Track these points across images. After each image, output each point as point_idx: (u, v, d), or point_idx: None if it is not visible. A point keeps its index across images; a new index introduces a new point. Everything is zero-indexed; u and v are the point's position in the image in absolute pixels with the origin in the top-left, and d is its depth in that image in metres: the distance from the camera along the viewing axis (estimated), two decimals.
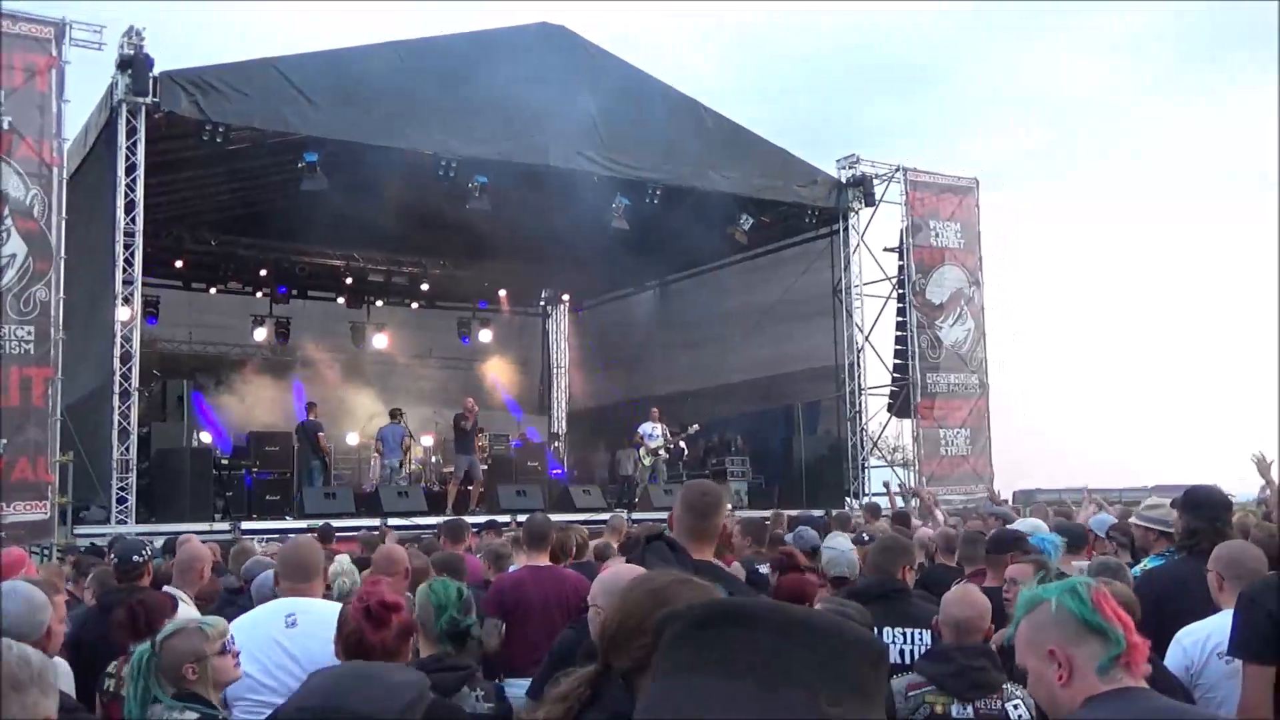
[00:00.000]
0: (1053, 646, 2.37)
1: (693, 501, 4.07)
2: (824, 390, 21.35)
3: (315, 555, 4.62)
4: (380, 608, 3.15)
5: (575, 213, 18.10)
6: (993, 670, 4.07)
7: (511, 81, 16.46)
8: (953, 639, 4.13)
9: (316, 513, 15.57)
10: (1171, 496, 6.82)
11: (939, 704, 3.93)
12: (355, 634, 3.17)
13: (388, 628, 3.17)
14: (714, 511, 4.05)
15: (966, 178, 22.01)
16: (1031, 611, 2.44)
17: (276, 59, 15.55)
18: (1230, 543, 4.46)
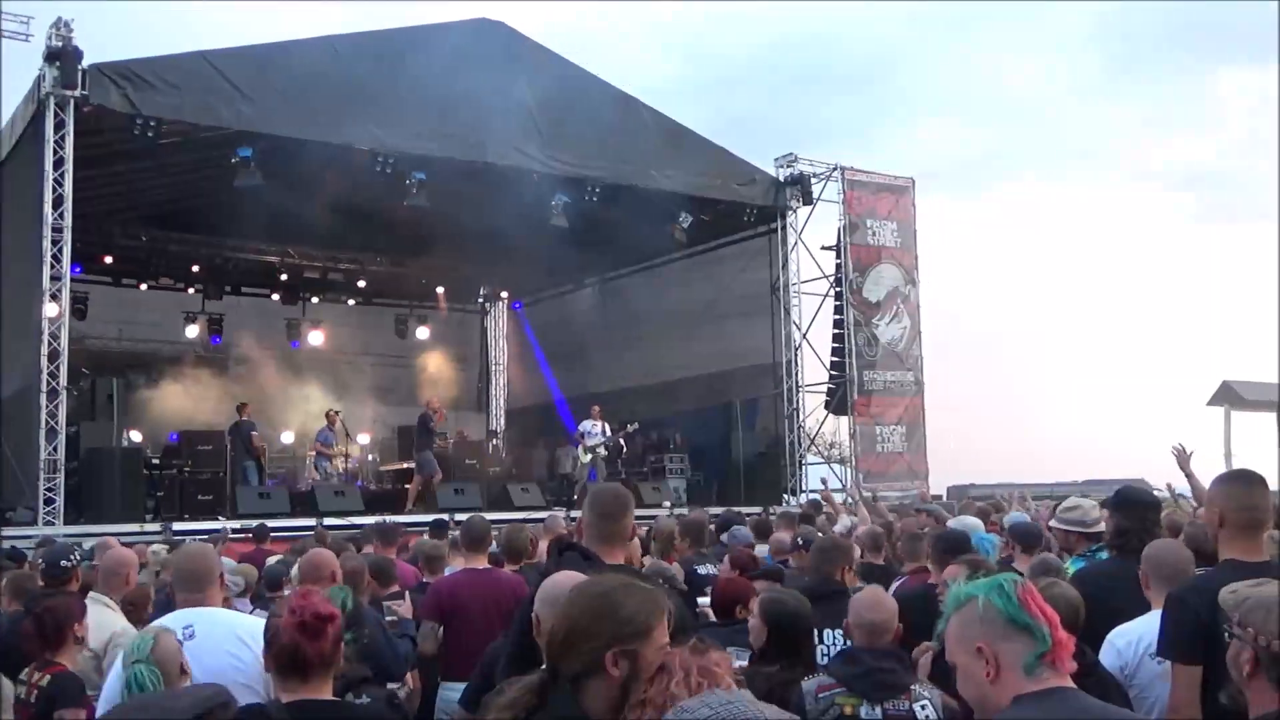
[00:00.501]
0: (980, 643, 2.38)
1: (600, 505, 4.05)
2: (762, 387, 21.46)
3: (208, 562, 4.44)
4: (316, 620, 3.08)
5: (514, 209, 18.01)
6: (901, 672, 4.12)
7: (449, 77, 16.33)
8: (863, 641, 4.16)
9: (251, 513, 15.36)
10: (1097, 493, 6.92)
11: (848, 705, 3.96)
12: (290, 648, 3.08)
13: (324, 639, 3.09)
14: (622, 513, 4.03)
15: (903, 177, 22.25)
16: (960, 608, 2.45)
17: (209, 52, 15.28)
18: (1158, 542, 4.53)
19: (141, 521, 14.75)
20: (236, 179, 15.96)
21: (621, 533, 3.97)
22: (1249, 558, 3.75)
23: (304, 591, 3.22)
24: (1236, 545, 3.81)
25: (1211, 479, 4.24)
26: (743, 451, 21.38)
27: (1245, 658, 2.71)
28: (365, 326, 25.96)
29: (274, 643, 3.12)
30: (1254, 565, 3.69)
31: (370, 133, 16.17)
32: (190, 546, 5.75)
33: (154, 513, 15.79)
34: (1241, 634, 2.72)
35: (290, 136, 15.69)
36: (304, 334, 24.80)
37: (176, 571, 4.50)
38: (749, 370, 21.60)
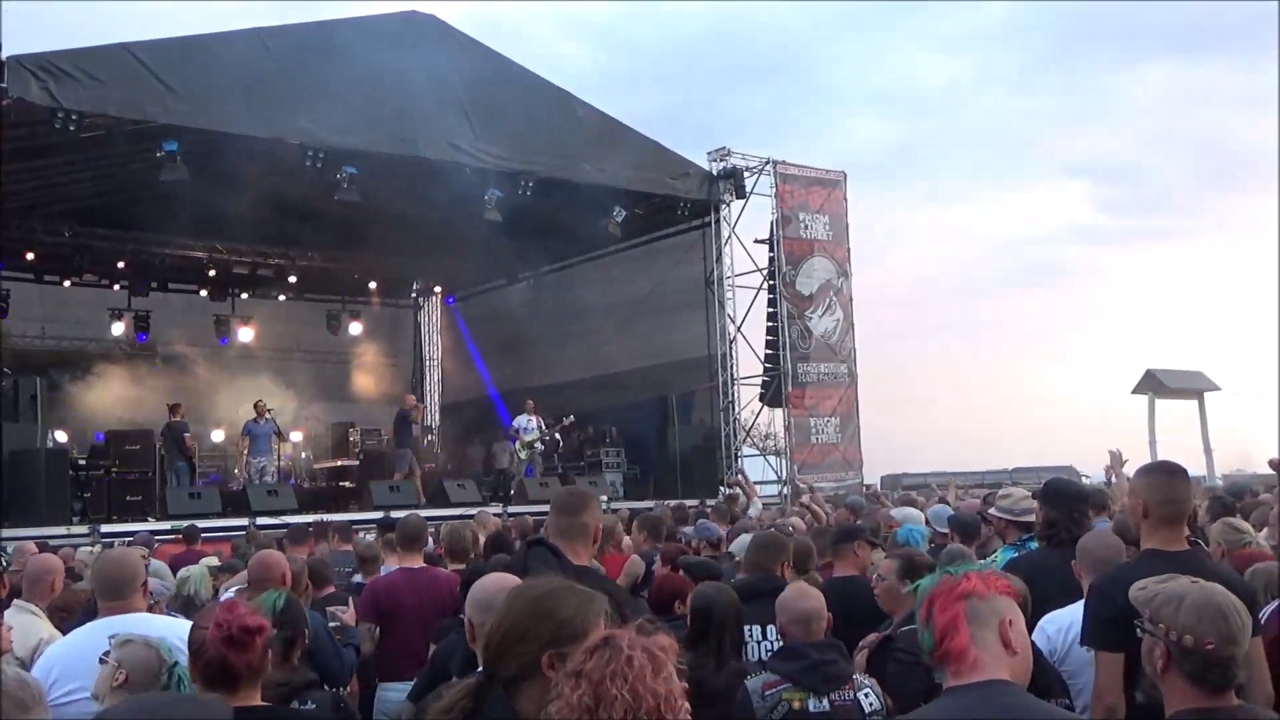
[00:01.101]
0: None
1: (562, 502, 4.09)
2: (697, 380, 21.53)
3: (131, 568, 4.35)
4: (242, 633, 3.05)
5: (447, 204, 17.92)
6: (842, 662, 4.19)
7: (380, 70, 16.19)
8: (799, 634, 4.21)
9: (181, 513, 15.14)
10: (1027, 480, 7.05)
11: (795, 700, 4.01)
12: (217, 661, 3.06)
13: (251, 651, 3.07)
14: (583, 510, 4.06)
15: (834, 171, 22.43)
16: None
17: (133, 44, 14.92)
18: (1092, 533, 4.66)
19: (68, 524, 14.47)
20: (162, 173, 15.63)
21: (581, 529, 3.99)
22: (1170, 547, 3.86)
23: (229, 603, 3.19)
24: (1158, 536, 3.91)
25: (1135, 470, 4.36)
26: (679, 445, 21.46)
27: (1158, 653, 2.77)
28: (296, 322, 25.65)
29: (200, 655, 3.09)
30: (1174, 555, 3.80)
31: (299, 126, 15.94)
32: (111, 553, 5.67)
33: (81, 515, 15.48)
34: (1153, 629, 2.78)
35: (217, 130, 15.41)
36: (233, 331, 24.46)
37: (97, 579, 4.40)
38: (684, 363, 21.65)
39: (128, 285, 22.88)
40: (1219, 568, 4.06)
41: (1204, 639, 2.69)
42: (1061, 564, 4.52)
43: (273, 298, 24.97)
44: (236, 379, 22.72)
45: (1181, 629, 2.72)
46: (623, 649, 2.05)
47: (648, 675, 2.01)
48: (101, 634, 3.93)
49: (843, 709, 4.06)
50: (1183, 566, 3.60)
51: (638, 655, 2.04)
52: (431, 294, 28.16)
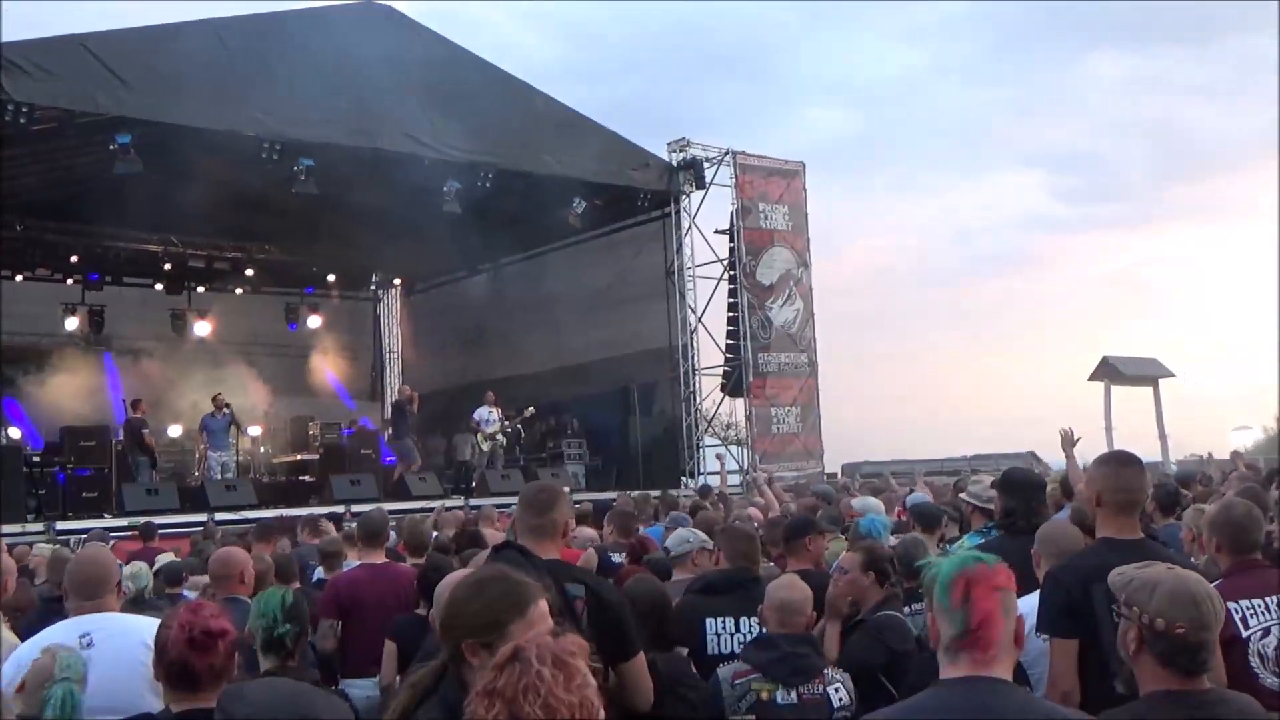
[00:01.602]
0: (931, 613, 2.56)
1: (530, 499, 4.07)
2: (659, 371, 21.56)
3: (105, 567, 4.30)
4: (205, 636, 3.05)
5: (406, 196, 17.80)
6: (814, 656, 4.22)
7: (337, 62, 16.07)
8: (777, 624, 4.24)
9: (138, 510, 14.97)
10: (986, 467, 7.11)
11: (764, 691, 4.04)
12: (179, 663, 3.06)
13: (214, 654, 3.07)
14: (552, 506, 4.05)
15: (793, 161, 22.48)
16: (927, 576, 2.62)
17: (85, 36, 14.72)
18: (1051, 522, 4.71)
19: (23, 521, 14.27)
20: (115, 166, 15.44)
21: (550, 525, 3.97)
22: (1124, 535, 3.93)
23: (194, 605, 3.18)
24: (1112, 524, 3.97)
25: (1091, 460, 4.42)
26: (640, 435, 21.49)
27: (1131, 636, 2.84)
28: (254, 316, 25.35)
29: (164, 655, 3.09)
30: (1128, 543, 3.86)
31: (255, 118, 15.79)
32: (85, 551, 5.61)
33: (36, 512, 15.28)
34: (1128, 613, 2.85)
35: (171, 122, 15.23)
36: (190, 325, 24.20)
37: (70, 577, 4.32)
38: (645, 354, 21.67)
39: (81, 280, 22.59)
40: (1173, 557, 4.13)
41: (1175, 624, 2.76)
42: (1019, 553, 4.52)
43: (230, 291, 24.74)
44: (193, 373, 22.44)
45: (1154, 613, 2.79)
46: (531, 663, 2.04)
47: (559, 687, 2.00)
48: (73, 633, 3.89)
49: (811, 702, 4.09)
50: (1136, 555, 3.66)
51: (547, 668, 2.03)
52: (391, 286, 28.01)
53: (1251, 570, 3.98)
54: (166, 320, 24.03)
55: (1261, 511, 4.42)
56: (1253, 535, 4.09)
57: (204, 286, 24.43)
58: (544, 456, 21.48)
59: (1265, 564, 4.11)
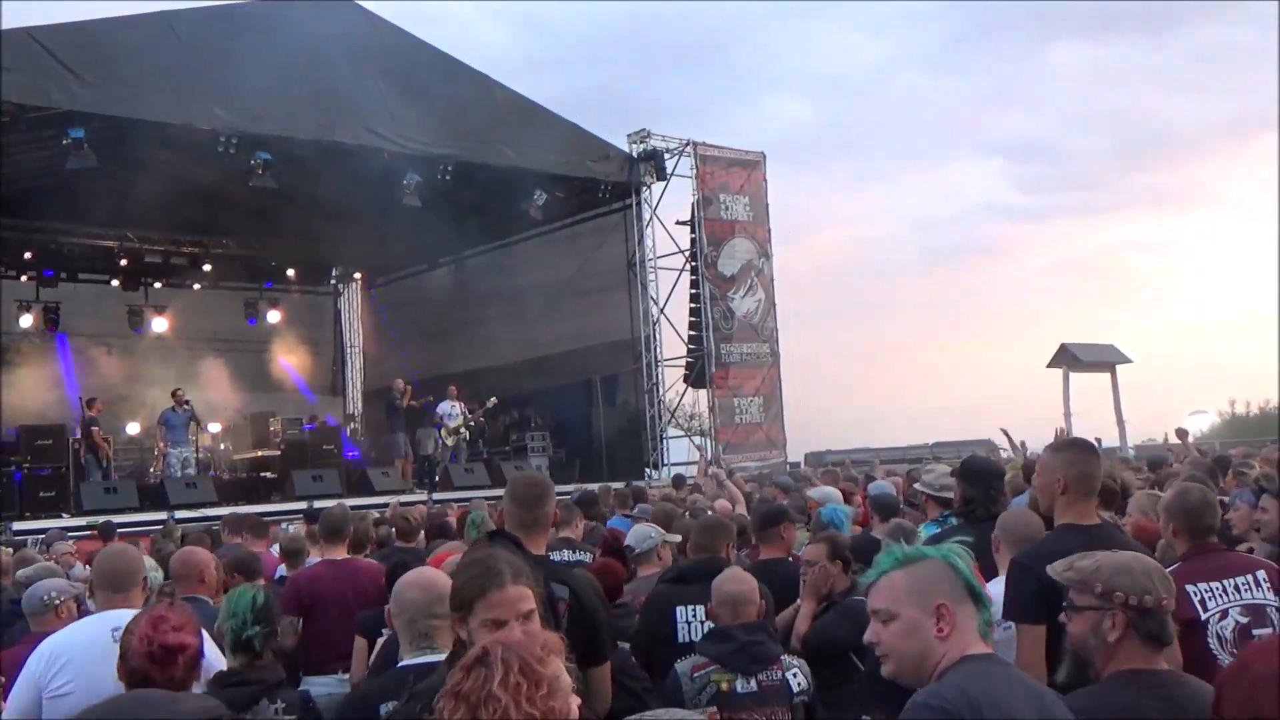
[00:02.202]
0: (942, 602, 2.52)
1: (519, 494, 4.08)
2: (621, 363, 21.56)
3: (133, 563, 4.37)
4: (164, 651, 3.03)
5: (365, 189, 17.71)
6: (770, 643, 4.26)
7: (294, 54, 15.90)
8: (729, 617, 4.26)
9: (96, 509, 14.79)
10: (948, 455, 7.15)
11: (724, 681, 4.07)
12: (139, 674, 3.04)
13: (174, 668, 3.05)
14: (542, 502, 4.06)
15: (754, 152, 22.53)
16: (914, 565, 2.58)
17: (36, 29, 14.50)
18: (1011, 510, 4.74)
19: None
20: (69, 161, 15.23)
21: (539, 520, 4.02)
22: (1083, 521, 3.96)
23: (157, 617, 3.13)
24: (1072, 510, 4.00)
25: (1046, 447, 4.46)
26: (604, 427, 21.49)
27: (1116, 622, 2.85)
28: (213, 311, 25.11)
29: (125, 661, 3.06)
30: (1089, 529, 3.90)
31: (210, 112, 15.62)
32: (114, 547, 5.64)
33: None
34: (1107, 602, 2.86)
35: (125, 116, 15.08)
36: (147, 321, 23.91)
37: (100, 573, 4.39)
38: (608, 346, 21.66)
39: (35, 276, 22.28)
40: (1129, 540, 4.18)
41: (1161, 598, 2.84)
42: (979, 541, 4.55)
43: (188, 286, 24.50)
44: (152, 370, 22.21)
45: (1141, 591, 2.84)
46: (496, 669, 2.01)
47: (523, 698, 1.97)
48: (106, 625, 3.89)
49: (770, 689, 4.13)
50: (1097, 540, 3.70)
51: (513, 676, 2.00)
52: (351, 280, 27.83)
53: (1208, 554, 4.03)
54: (124, 317, 23.75)
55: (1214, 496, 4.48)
56: (1208, 519, 4.14)
57: (161, 282, 24.13)
58: (507, 450, 21.43)
59: (1221, 547, 4.17)
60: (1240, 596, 3.82)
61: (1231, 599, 3.82)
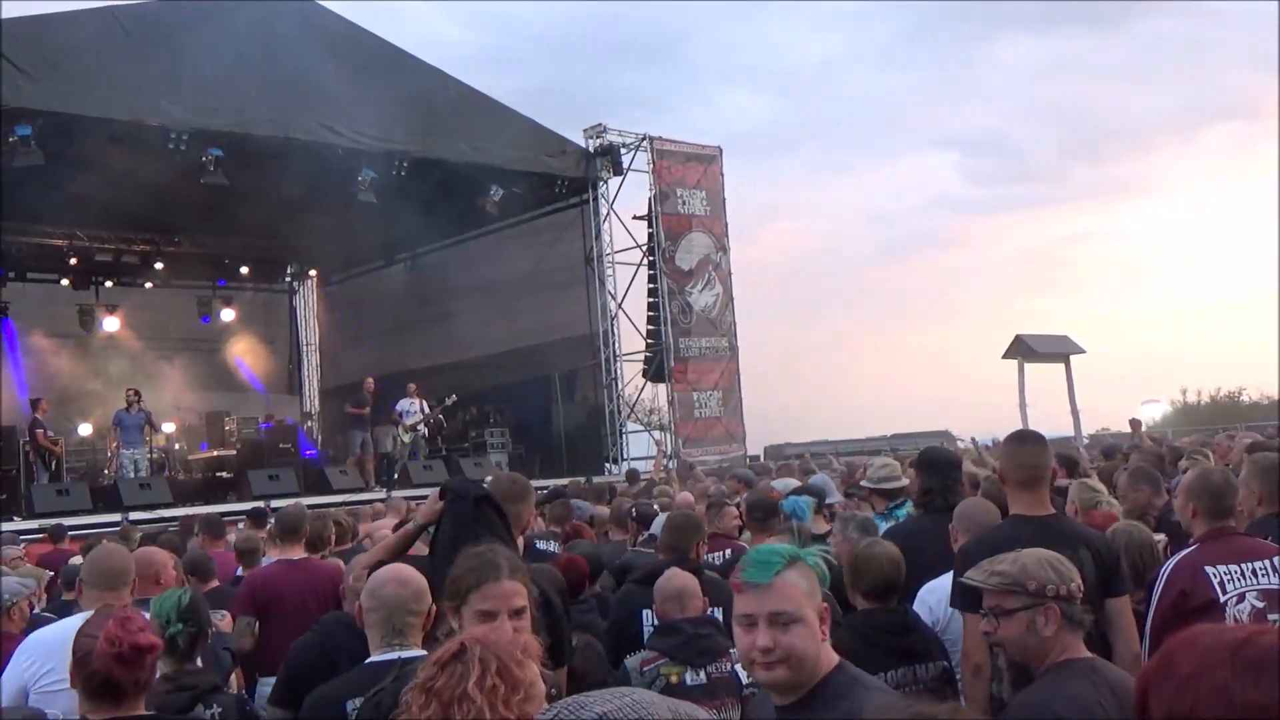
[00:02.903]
0: (823, 606, 2.50)
1: (502, 493, 4.08)
2: (580, 358, 21.51)
3: (125, 562, 4.38)
4: (133, 652, 2.99)
5: (320, 185, 17.55)
6: (718, 636, 4.28)
7: (246, 49, 15.76)
8: (676, 612, 4.28)
9: (48, 511, 14.60)
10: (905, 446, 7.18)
11: (673, 674, 4.09)
12: (103, 675, 2.99)
13: (141, 669, 3.02)
14: (521, 499, 4.08)
15: (710, 146, 22.54)
16: (802, 565, 2.50)
17: None
18: (968, 500, 4.78)
19: None
20: (15, 159, 14.96)
21: (518, 518, 4.03)
22: (1033, 511, 4.01)
23: (123, 618, 3.10)
24: (1022, 500, 4.06)
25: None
26: (564, 423, 21.46)
27: (1050, 616, 2.90)
28: (165, 310, 24.77)
29: (85, 666, 3.01)
30: (1038, 519, 3.95)
31: (160, 108, 15.41)
32: (106, 545, 5.67)
33: None
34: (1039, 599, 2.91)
35: (72, 113, 14.84)
36: (98, 320, 23.58)
37: (91, 571, 4.40)
38: (567, 341, 21.60)
39: None
40: (1080, 529, 4.23)
41: (1077, 584, 2.92)
42: (938, 531, 4.60)
43: (140, 285, 24.19)
44: (104, 370, 21.95)
45: (1064, 581, 2.91)
46: (472, 668, 1.97)
47: (498, 699, 1.93)
48: None
49: (720, 681, 4.16)
50: (1047, 529, 3.76)
51: (489, 677, 1.96)
52: (306, 277, 27.59)
53: (1226, 537, 4.02)
54: (74, 316, 23.41)
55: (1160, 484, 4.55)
56: (1228, 501, 4.12)
57: (112, 281, 23.81)
58: (466, 446, 21.36)
59: (1238, 531, 4.16)
60: (1258, 581, 3.82)
61: (1249, 583, 3.82)
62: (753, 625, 2.42)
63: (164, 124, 15.49)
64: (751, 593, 2.44)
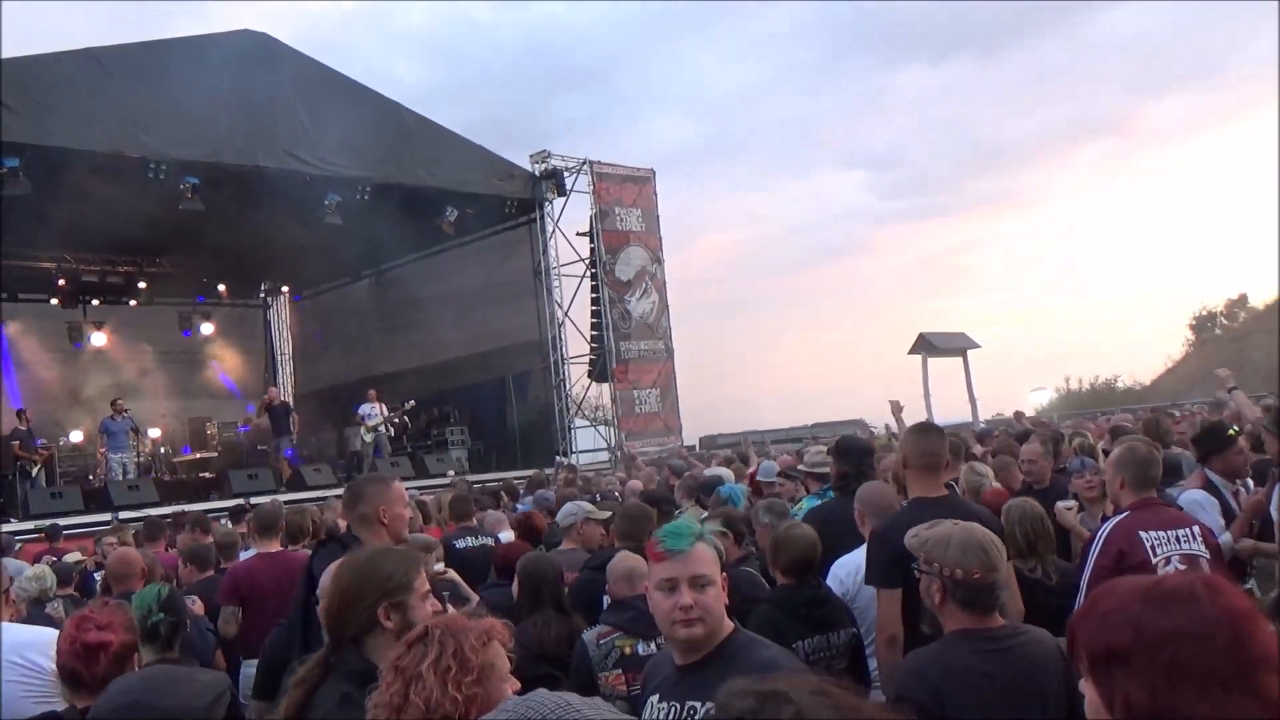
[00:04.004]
0: (723, 574, 2.54)
1: (351, 493, 4.07)
2: (531, 361, 21.43)
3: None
4: (86, 650, 2.97)
5: (290, 210, 17.35)
6: None
7: (218, 86, 15.53)
8: (626, 591, 4.28)
9: (43, 512, 14.29)
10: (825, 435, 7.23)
11: (626, 646, 4.08)
12: (69, 669, 2.99)
13: (98, 664, 2.99)
14: (361, 500, 4.07)
15: (644, 168, 22.59)
16: (707, 540, 2.56)
17: None
18: (869, 484, 4.81)
19: None
20: (4, 188, 14.60)
21: (368, 519, 4.00)
22: (931, 493, 4.06)
23: (79, 618, 3.07)
24: (921, 484, 4.11)
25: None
26: (517, 420, 21.37)
27: (935, 589, 2.92)
28: (149, 325, 24.27)
29: (59, 659, 3.03)
30: (935, 500, 4.00)
31: (140, 140, 15.13)
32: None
33: None
34: (929, 569, 2.93)
35: (58, 146, 14.50)
36: (86, 336, 23.06)
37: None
38: (518, 347, 21.51)
39: None
40: (973, 507, 4.29)
41: (971, 570, 2.85)
42: (850, 512, 4.61)
43: (124, 303, 23.70)
44: (92, 382, 21.53)
45: (952, 564, 2.87)
46: (432, 648, 1.97)
47: (449, 679, 1.93)
48: None
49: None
50: (943, 509, 3.80)
51: (446, 657, 1.95)
52: (279, 293, 27.21)
53: (1152, 507, 4.06)
54: (64, 333, 22.87)
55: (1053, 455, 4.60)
56: (1153, 472, 4.16)
57: (99, 300, 23.32)
58: (429, 444, 21.19)
59: (1162, 502, 4.22)
60: (1181, 546, 3.88)
61: (1175, 548, 3.88)
62: (674, 588, 2.51)
63: (144, 155, 15.21)
64: (671, 559, 2.53)
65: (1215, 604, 1.40)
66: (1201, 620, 1.38)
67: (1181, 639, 1.37)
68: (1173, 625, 1.38)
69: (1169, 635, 1.37)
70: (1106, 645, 1.41)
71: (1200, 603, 1.40)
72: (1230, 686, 1.34)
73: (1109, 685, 1.41)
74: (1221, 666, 1.35)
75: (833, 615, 3.99)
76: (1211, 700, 1.33)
